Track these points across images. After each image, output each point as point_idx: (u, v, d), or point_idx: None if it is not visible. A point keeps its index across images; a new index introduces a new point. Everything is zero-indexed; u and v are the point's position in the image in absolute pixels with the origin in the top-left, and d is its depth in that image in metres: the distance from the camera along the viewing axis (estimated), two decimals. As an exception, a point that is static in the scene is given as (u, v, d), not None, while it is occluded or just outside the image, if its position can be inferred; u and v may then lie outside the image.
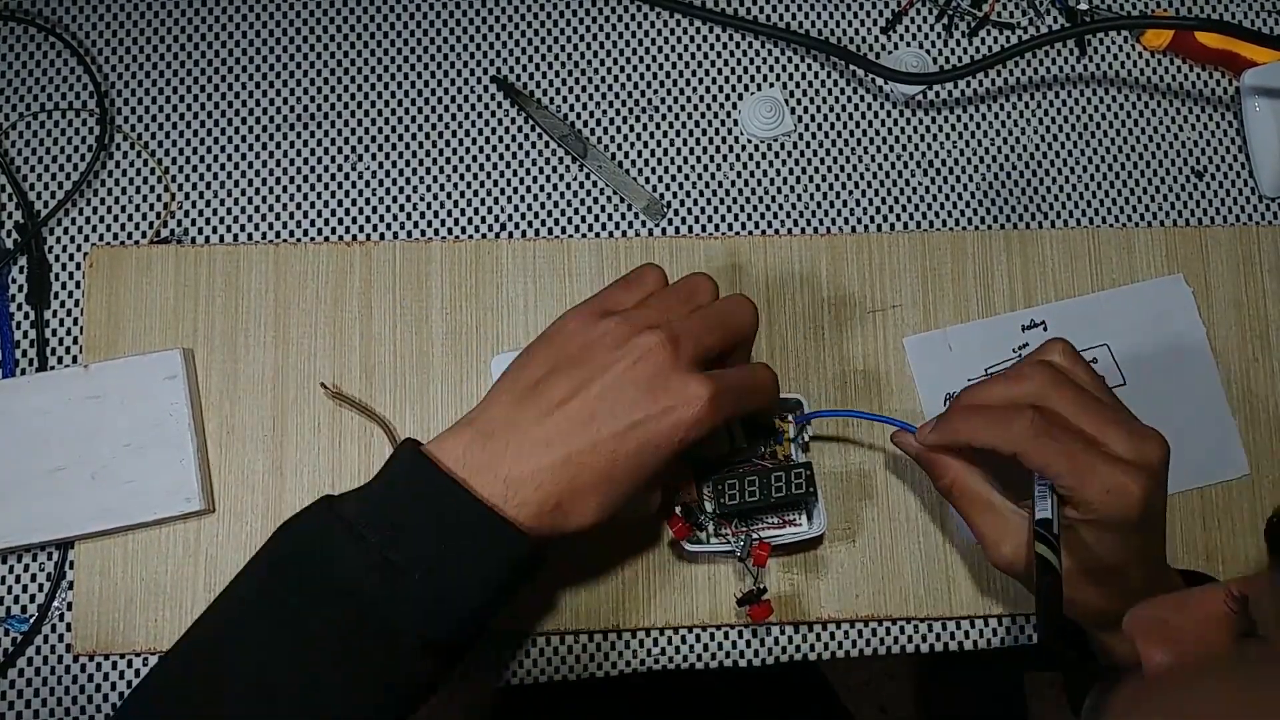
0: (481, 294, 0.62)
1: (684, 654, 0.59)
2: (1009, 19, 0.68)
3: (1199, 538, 0.60)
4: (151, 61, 0.65)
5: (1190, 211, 0.66)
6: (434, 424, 0.60)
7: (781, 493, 0.54)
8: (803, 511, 0.57)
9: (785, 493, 0.54)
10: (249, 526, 0.59)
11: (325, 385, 0.60)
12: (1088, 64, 0.68)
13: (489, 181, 0.64)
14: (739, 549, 0.55)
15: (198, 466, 0.58)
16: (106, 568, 0.58)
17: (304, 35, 0.66)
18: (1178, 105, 0.67)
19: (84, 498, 0.57)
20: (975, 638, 0.60)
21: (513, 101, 0.65)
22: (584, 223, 0.64)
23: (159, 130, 0.64)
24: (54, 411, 0.58)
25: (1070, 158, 0.66)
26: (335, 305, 0.61)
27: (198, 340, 0.60)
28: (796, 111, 0.66)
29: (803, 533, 0.56)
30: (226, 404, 0.60)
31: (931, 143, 0.66)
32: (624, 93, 0.66)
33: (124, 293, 0.61)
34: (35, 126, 0.64)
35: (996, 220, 0.65)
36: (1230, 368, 0.62)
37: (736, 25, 0.66)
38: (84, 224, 0.63)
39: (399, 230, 0.64)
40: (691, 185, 0.65)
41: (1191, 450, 0.61)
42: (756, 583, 0.56)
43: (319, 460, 0.59)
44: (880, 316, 0.62)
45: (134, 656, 0.58)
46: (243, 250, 0.61)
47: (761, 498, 0.54)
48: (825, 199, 0.65)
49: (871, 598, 0.59)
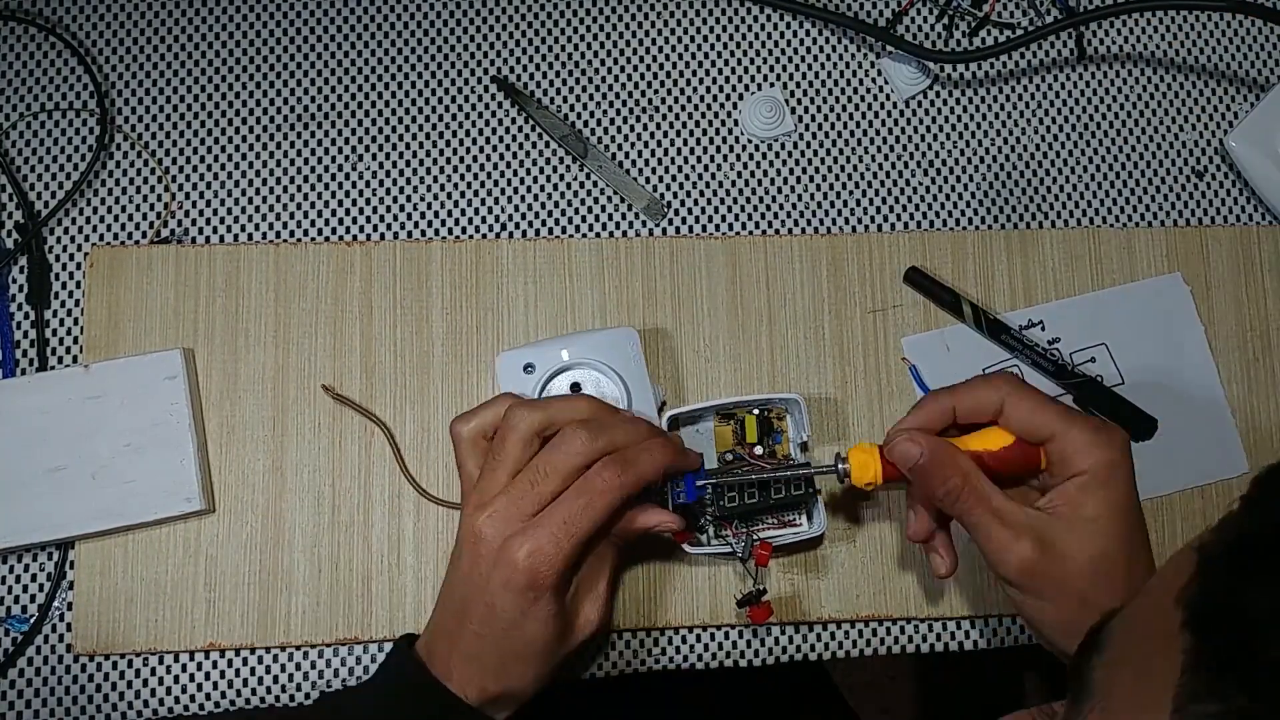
0: (482, 294, 0.62)
1: (684, 654, 0.59)
2: (1009, 18, 0.68)
3: (1199, 537, 0.60)
4: (151, 61, 0.65)
5: (1190, 211, 0.66)
6: (434, 424, 0.60)
7: (781, 494, 0.54)
8: (803, 512, 0.57)
9: (785, 494, 0.54)
10: (249, 526, 0.59)
11: (327, 388, 0.60)
12: (1088, 64, 0.68)
13: (489, 181, 0.64)
14: (740, 550, 0.55)
15: (198, 466, 0.58)
16: (106, 568, 0.58)
17: (304, 35, 0.66)
18: (1178, 105, 0.67)
19: (84, 498, 0.57)
20: (975, 638, 0.60)
21: (513, 101, 0.65)
22: (584, 223, 0.64)
23: (159, 130, 0.64)
24: (54, 411, 0.58)
25: (1070, 158, 0.66)
26: (336, 305, 0.61)
27: (198, 340, 0.60)
28: (796, 111, 0.66)
29: (803, 533, 0.56)
30: (226, 404, 0.60)
31: (931, 143, 0.66)
32: (624, 93, 0.66)
33: (124, 293, 0.61)
34: (35, 126, 0.64)
35: (996, 220, 0.65)
36: (1230, 368, 0.62)
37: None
38: (84, 224, 0.63)
39: (399, 230, 0.64)
40: (692, 185, 0.65)
41: (1191, 450, 0.61)
42: (756, 584, 0.56)
43: (319, 460, 0.60)
44: (880, 316, 0.62)
45: (134, 656, 0.58)
46: (243, 250, 0.62)
47: (761, 499, 0.54)
48: (825, 199, 0.65)
49: (871, 598, 0.59)
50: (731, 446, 0.58)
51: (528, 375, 0.58)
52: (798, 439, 0.57)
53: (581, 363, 0.58)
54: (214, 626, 0.58)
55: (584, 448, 0.49)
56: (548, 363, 0.58)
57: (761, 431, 0.58)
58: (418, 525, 0.59)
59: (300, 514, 0.59)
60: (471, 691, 0.50)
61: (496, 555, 0.48)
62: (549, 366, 0.58)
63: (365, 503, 0.59)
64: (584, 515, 0.48)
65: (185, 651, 0.58)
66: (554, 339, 0.60)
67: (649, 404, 0.58)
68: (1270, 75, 0.68)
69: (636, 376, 0.58)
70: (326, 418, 0.60)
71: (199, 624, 0.58)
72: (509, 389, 0.57)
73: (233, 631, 0.58)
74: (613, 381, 0.58)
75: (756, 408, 0.58)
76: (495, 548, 0.49)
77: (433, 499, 0.59)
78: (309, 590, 0.58)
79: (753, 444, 0.58)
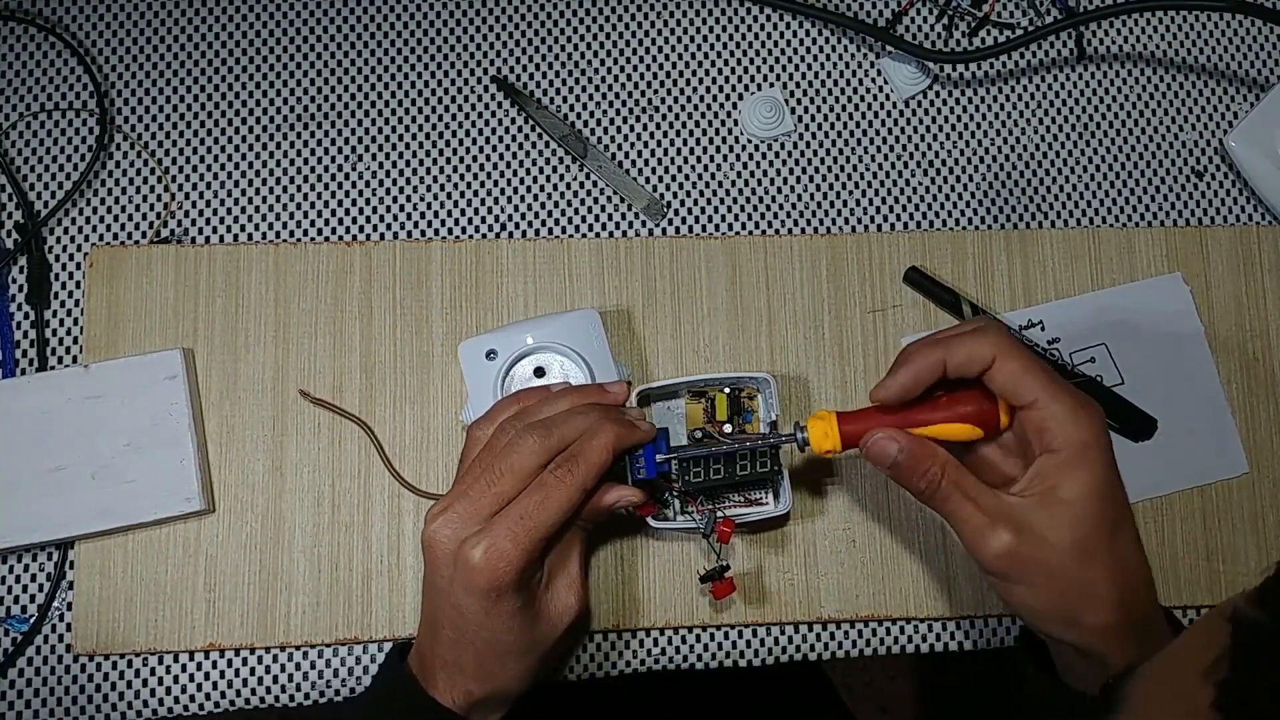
0: (482, 294, 0.62)
1: (683, 654, 0.59)
2: (1009, 19, 0.68)
3: (1199, 537, 0.60)
4: (151, 62, 0.65)
5: (1190, 211, 0.66)
6: (434, 424, 0.60)
7: (747, 470, 0.54)
8: (769, 490, 0.58)
9: (751, 470, 0.54)
10: (249, 526, 0.59)
11: (304, 392, 0.60)
12: (1087, 64, 0.68)
13: (489, 181, 0.64)
14: (704, 527, 0.55)
15: (198, 466, 0.58)
16: (107, 568, 0.58)
17: (304, 35, 0.66)
18: (1178, 105, 0.67)
19: (84, 498, 0.57)
20: (975, 638, 0.60)
21: (513, 101, 0.65)
22: (584, 223, 0.64)
23: (159, 130, 0.64)
24: (54, 411, 0.58)
25: (1070, 158, 0.66)
26: (335, 305, 0.61)
27: (198, 340, 0.60)
28: (796, 111, 0.66)
29: (768, 511, 0.57)
30: (226, 404, 0.60)
31: (931, 143, 0.66)
32: (624, 93, 0.66)
33: (124, 293, 0.61)
34: (35, 126, 0.64)
35: (996, 220, 0.65)
36: (1230, 368, 0.62)
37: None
38: (84, 224, 0.63)
39: (399, 230, 0.64)
40: (691, 185, 0.65)
41: (1191, 450, 0.61)
42: (719, 560, 0.56)
43: (319, 460, 0.59)
44: (880, 316, 0.62)
45: (134, 657, 0.58)
46: (243, 250, 0.62)
47: (727, 475, 0.54)
48: (825, 199, 0.65)
49: (871, 598, 0.59)
50: (702, 424, 0.59)
51: (490, 362, 0.58)
52: (768, 418, 0.57)
53: (544, 346, 0.58)
54: (214, 626, 0.58)
55: (538, 445, 0.50)
56: (510, 348, 0.58)
57: (732, 410, 0.58)
58: (418, 525, 0.59)
59: (300, 514, 0.59)
60: (458, 696, 0.50)
61: (455, 558, 0.49)
62: (511, 352, 0.58)
63: (365, 502, 0.59)
64: (540, 511, 0.48)
65: (185, 652, 0.58)
66: (515, 324, 0.60)
67: None
68: (1270, 75, 0.68)
69: (600, 357, 0.58)
70: (326, 417, 0.60)
71: (199, 624, 0.58)
72: (472, 378, 0.58)
73: (233, 631, 0.58)
74: (577, 364, 0.58)
75: (728, 386, 0.58)
76: (452, 550, 0.49)
77: (423, 494, 0.59)
78: (309, 590, 0.58)
79: (723, 421, 0.58)
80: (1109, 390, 0.61)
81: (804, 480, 0.60)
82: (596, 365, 0.58)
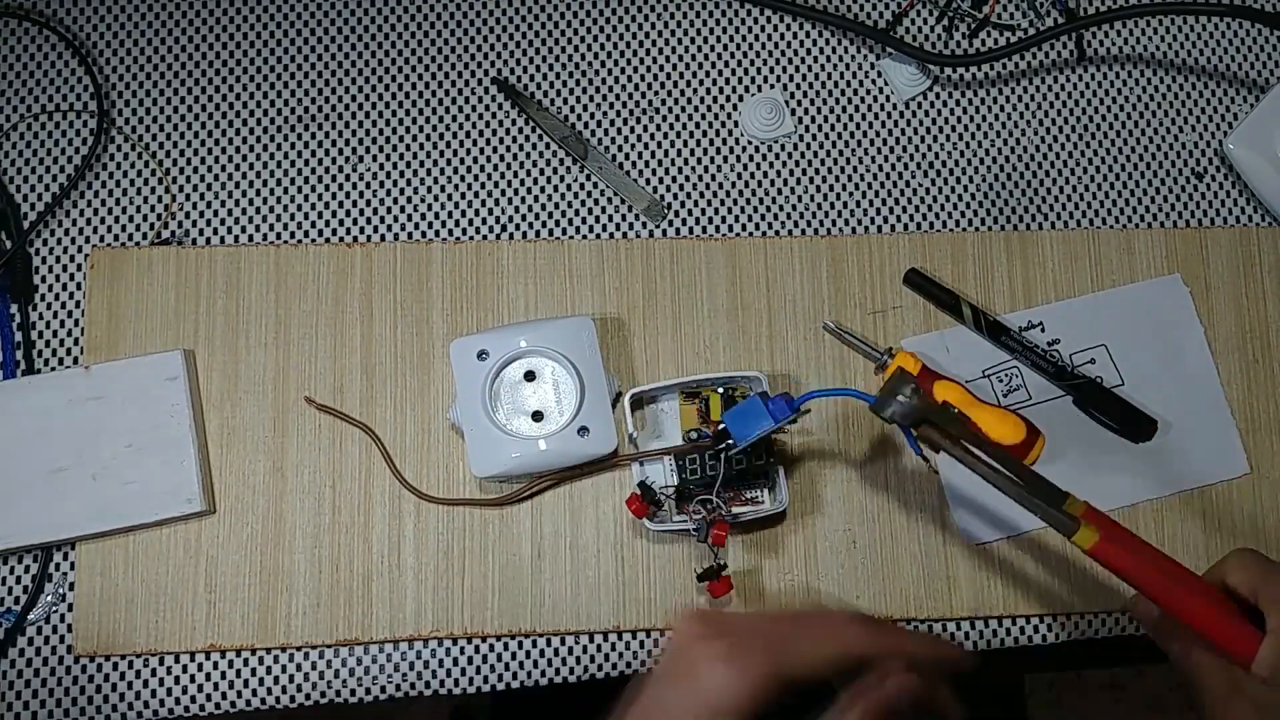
0: (482, 295, 0.62)
1: (684, 655, 0.59)
2: (1009, 20, 0.68)
3: (1199, 538, 0.60)
4: (151, 62, 0.65)
5: (1190, 212, 0.66)
6: (434, 425, 0.60)
7: (742, 464, 0.54)
8: (764, 489, 0.58)
9: (746, 464, 0.54)
10: (250, 527, 0.59)
11: (310, 399, 0.60)
12: (1087, 66, 0.68)
13: (489, 183, 0.64)
14: (699, 530, 0.56)
15: (198, 467, 0.58)
16: (107, 568, 0.58)
17: (305, 36, 0.66)
18: (1177, 107, 0.67)
19: (85, 498, 0.57)
20: (975, 638, 0.60)
21: (513, 103, 0.65)
22: (584, 224, 0.64)
23: (159, 130, 0.64)
24: (55, 412, 0.58)
25: (1070, 158, 0.66)
26: (336, 306, 0.61)
27: (198, 341, 0.60)
28: (796, 113, 0.66)
29: (763, 510, 0.57)
30: (227, 405, 0.60)
31: (931, 143, 0.66)
32: (624, 94, 0.66)
33: (125, 294, 0.61)
34: (35, 127, 0.64)
35: (996, 221, 0.65)
36: (1230, 368, 0.62)
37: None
38: (84, 225, 0.63)
39: (399, 231, 0.64)
40: (692, 186, 0.65)
41: (1191, 450, 0.61)
42: (716, 559, 0.56)
43: (319, 460, 0.60)
44: (880, 317, 0.62)
45: (134, 657, 0.58)
46: (243, 251, 0.62)
47: (725, 470, 0.55)
48: (825, 200, 0.65)
49: (871, 598, 0.59)
50: (696, 425, 0.59)
51: (481, 362, 0.58)
52: None
53: (536, 350, 0.58)
54: (214, 627, 0.58)
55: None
56: (502, 350, 0.58)
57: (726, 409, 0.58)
58: (418, 526, 0.59)
59: (301, 515, 0.59)
60: None
61: None
62: (503, 354, 0.58)
63: (365, 504, 0.59)
64: None
65: (186, 652, 0.58)
66: (509, 326, 0.60)
67: (603, 394, 0.58)
68: (1269, 78, 0.68)
69: (591, 366, 0.58)
70: (327, 419, 0.60)
71: (199, 625, 0.58)
72: (462, 377, 0.58)
73: (233, 632, 0.58)
74: (567, 371, 0.58)
75: (720, 385, 0.59)
76: None
77: (428, 498, 0.59)
78: (309, 591, 0.58)
79: (717, 421, 0.58)
80: (1109, 391, 0.61)
81: (804, 481, 0.60)
82: (587, 374, 0.58)
